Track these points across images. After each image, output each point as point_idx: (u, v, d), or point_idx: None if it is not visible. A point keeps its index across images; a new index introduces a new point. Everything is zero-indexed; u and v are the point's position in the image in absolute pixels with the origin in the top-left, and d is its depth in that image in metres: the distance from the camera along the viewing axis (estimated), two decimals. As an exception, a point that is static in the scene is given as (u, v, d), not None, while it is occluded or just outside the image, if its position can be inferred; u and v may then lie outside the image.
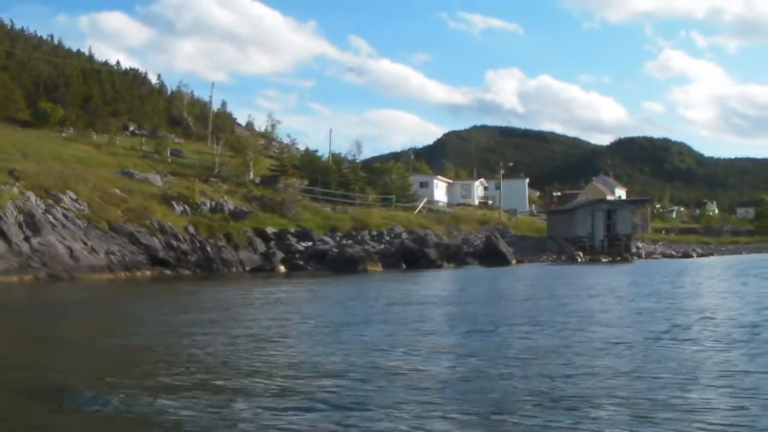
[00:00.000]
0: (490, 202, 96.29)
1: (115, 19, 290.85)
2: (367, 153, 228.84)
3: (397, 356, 10.99)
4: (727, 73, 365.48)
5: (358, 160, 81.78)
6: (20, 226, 33.26)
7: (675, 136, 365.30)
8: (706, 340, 12.13)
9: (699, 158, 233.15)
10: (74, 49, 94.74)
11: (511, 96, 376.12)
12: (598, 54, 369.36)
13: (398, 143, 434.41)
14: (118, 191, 43.43)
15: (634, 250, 64.13)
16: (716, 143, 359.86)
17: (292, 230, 48.49)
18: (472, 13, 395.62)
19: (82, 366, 10.80)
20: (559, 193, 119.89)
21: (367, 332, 14.06)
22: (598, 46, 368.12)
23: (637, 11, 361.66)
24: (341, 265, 41.16)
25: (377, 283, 31.03)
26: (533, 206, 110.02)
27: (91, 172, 45.80)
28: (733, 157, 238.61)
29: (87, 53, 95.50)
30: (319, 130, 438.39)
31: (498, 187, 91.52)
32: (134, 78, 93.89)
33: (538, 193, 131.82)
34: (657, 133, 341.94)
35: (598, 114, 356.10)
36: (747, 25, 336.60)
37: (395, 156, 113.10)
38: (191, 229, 42.41)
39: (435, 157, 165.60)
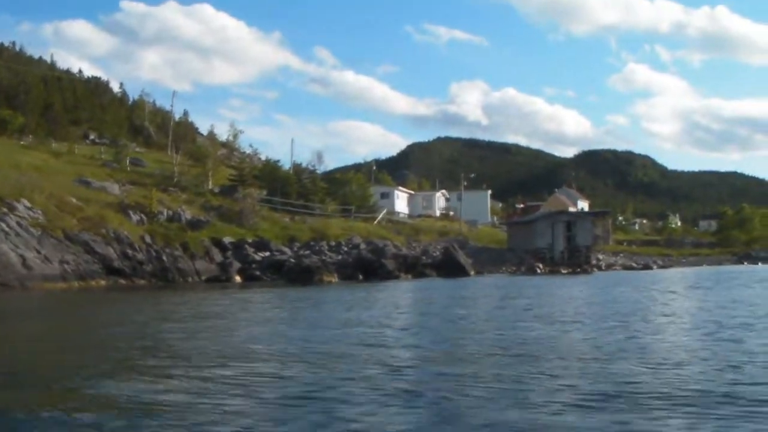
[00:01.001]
0: (451, 213, 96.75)
1: (78, 28, 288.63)
2: (331, 164, 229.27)
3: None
4: (692, 86, 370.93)
5: (318, 171, 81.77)
6: (-29, 233, 32.95)
7: (639, 149, 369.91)
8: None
9: (663, 171, 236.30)
10: (36, 57, 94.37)
11: (476, 108, 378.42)
12: (563, 67, 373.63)
13: (362, 154, 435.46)
14: (74, 200, 42.95)
15: (594, 261, 64.89)
16: (680, 156, 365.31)
17: (250, 240, 48.32)
18: (438, 25, 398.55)
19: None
20: (522, 205, 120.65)
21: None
22: (563, 59, 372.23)
23: (601, 24, 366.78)
24: (297, 275, 41.11)
25: (319, 296, 30.39)
26: (495, 218, 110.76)
27: (47, 180, 45.29)
28: (696, 170, 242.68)
29: (49, 61, 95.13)
30: (282, 141, 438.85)
31: (460, 199, 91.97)
32: (96, 86, 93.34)
33: (500, 205, 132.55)
34: (621, 146, 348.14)
35: (562, 126, 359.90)
36: (711, 40, 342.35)
37: (358, 167, 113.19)
38: (147, 239, 42.01)
39: (399, 168, 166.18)
